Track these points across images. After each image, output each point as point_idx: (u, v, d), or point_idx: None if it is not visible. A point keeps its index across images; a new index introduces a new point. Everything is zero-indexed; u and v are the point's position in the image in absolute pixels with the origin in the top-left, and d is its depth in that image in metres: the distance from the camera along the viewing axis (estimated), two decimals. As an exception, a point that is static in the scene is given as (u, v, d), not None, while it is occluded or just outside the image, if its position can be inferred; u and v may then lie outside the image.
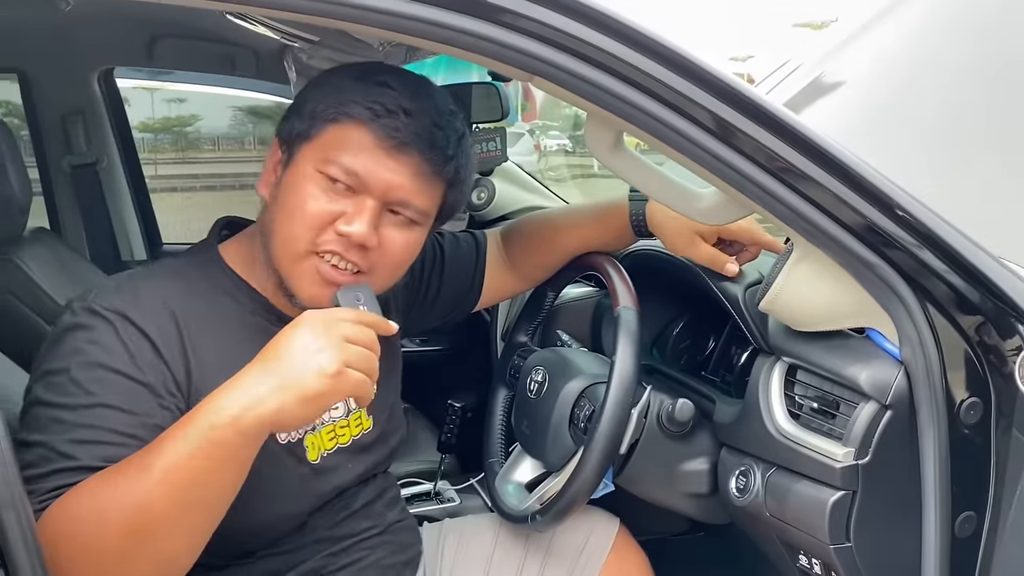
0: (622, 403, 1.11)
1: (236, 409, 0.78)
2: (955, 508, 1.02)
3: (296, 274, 0.98)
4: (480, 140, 1.58)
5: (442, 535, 1.31)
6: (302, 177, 0.97)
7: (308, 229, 0.96)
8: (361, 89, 0.97)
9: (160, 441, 0.80)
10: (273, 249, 0.99)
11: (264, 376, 0.80)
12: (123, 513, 0.77)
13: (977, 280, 0.98)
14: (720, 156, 0.93)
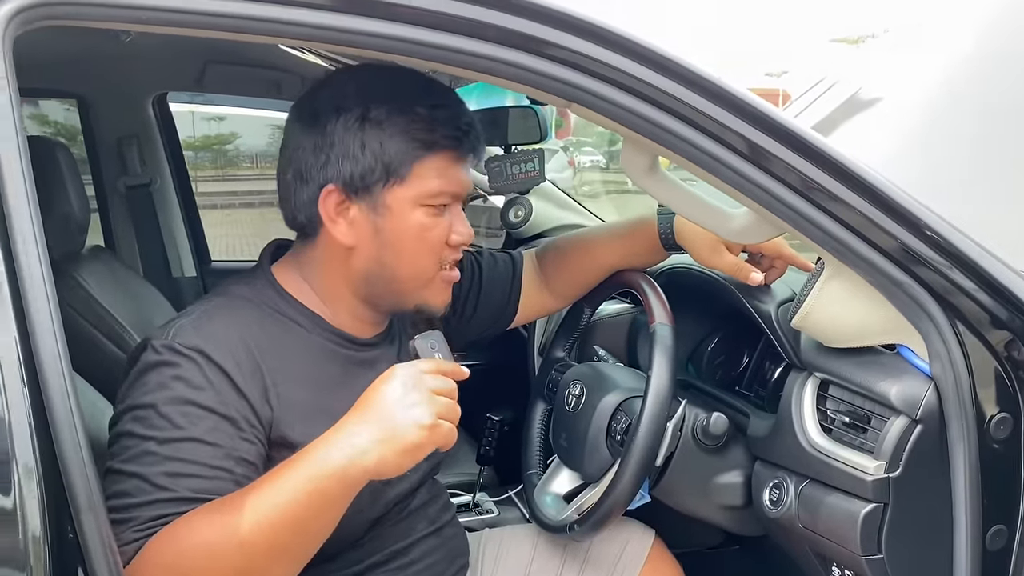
0: (658, 417, 1.14)
1: (342, 461, 0.83)
2: (986, 521, 1.04)
3: (429, 293, 1.08)
4: (518, 161, 1.63)
5: (481, 545, 1.35)
6: (408, 216, 1.03)
7: (436, 255, 1.06)
8: (431, 118, 1.02)
9: (263, 484, 0.85)
10: (396, 284, 1.06)
11: (364, 428, 0.85)
12: (228, 550, 0.82)
13: (1005, 298, 1.01)
14: (751, 178, 0.97)
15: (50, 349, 0.76)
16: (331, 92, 1.04)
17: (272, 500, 0.83)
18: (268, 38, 0.92)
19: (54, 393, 0.76)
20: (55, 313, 0.77)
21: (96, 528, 0.78)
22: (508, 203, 2.24)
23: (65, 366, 0.77)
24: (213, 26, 0.85)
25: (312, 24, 0.85)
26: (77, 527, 0.77)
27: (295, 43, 1.23)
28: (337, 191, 1.01)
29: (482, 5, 0.86)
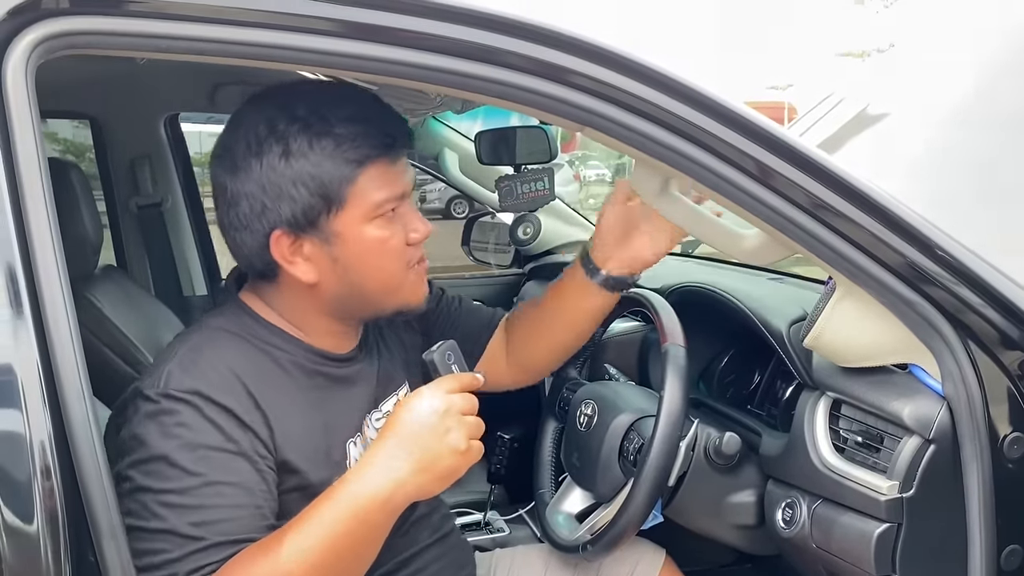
0: (670, 437, 1.15)
1: (384, 493, 0.87)
2: (1001, 541, 1.04)
3: (405, 295, 1.06)
4: (528, 180, 1.64)
5: (493, 564, 1.35)
6: (361, 235, 1.00)
7: (400, 260, 1.04)
8: (354, 134, 0.97)
9: (305, 521, 0.87)
10: (370, 298, 1.05)
11: (403, 458, 0.88)
12: None
13: (1017, 317, 1.01)
14: (763, 199, 0.98)
15: (71, 374, 0.78)
16: (243, 134, 0.98)
17: (319, 535, 0.85)
18: (283, 65, 0.94)
19: (75, 419, 0.77)
20: (76, 337, 0.79)
21: (116, 553, 0.79)
22: (517, 220, 2.26)
23: (86, 391, 0.78)
24: (228, 53, 0.86)
25: (329, 51, 0.86)
26: (98, 551, 0.79)
27: (311, 70, 1.24)
28: (285, 234, 0.98)
29: (498, 32, 0.88)
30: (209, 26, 0.83)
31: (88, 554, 0.78)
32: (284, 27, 0.84)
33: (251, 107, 1.01)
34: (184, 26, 0.83)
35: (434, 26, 0.86)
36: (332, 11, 0.84)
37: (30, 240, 0.77)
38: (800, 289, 1.53)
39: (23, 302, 0.76)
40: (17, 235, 0.76)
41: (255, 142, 0.96)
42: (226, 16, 0.83)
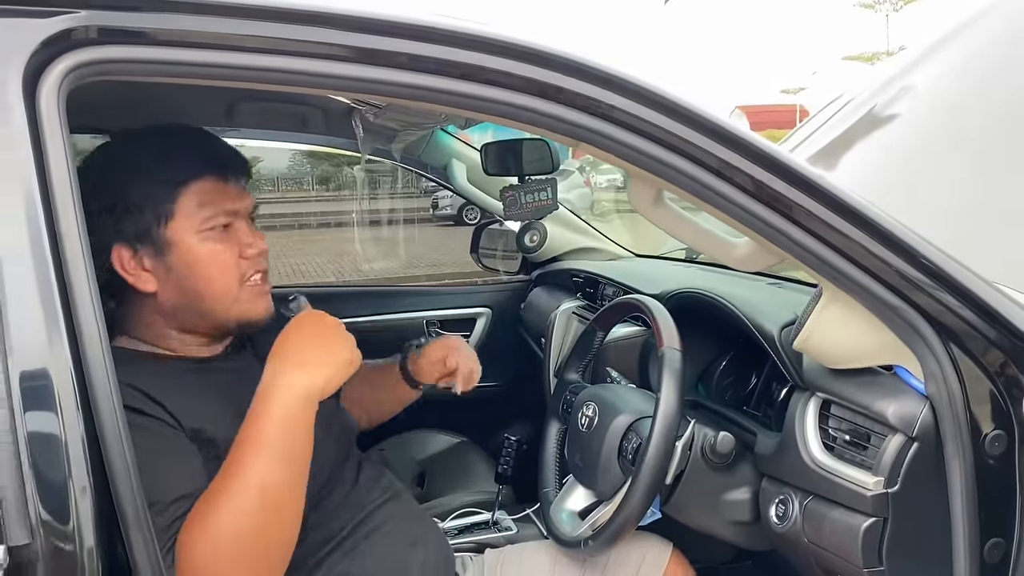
0: (666, 437, 1.20)
1: (302, 391, 1.02)
2: (983, 535, 1.08)
3: (243, 308, 1.16)
4: (532, 190, 1.69)
5: (501, 561, 1.41)
6: (192, 245, 1.11)
7: (232, 273, 1.14)
8: (181, 155, 1.14)
9: (245, 439, 0.98)
10: (204, 307, 1.14)
11: (311, 361, 1.05)
12: (251, 506, 0.95)
13: (996, 320, 1.05)
14: (752, 211, 1.03)
15: (101, 377, 0.84)
16: (89, 181, 1.03)
17: (261, 441, 0.97)
18: (296, 88, 1.00)
19: (105, 418, 0.83)
20: (105, 342, 0.84)
21: (143, 544, 0.84)
22: (523, 228, 2.30)
23: (114, 392, 0.84)
24: (249, 78, 0.93)
25: (343, 76, 0.92)
26: (127, 543, 0.84)
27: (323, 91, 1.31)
28: (122, 249, 1.10)
29: (504, 56, 0.93)
30: (226, 53, 0.89)
31: (118, 546, 0.84)
32: (297, 53, 0.90)
33: (102, 153, 1.19)
34: (204, 54, 0.89)
35: (435, 50, 0.92)
36: (341, 38, 0.91)
37: (62, 250, 0.83)
38: (796, 293, 1.58)
39: (57, 308, 0.82)
40: (50, 245, 0.82)
41: (95, 180, 1.04)
42: (242, 44, 0.89)
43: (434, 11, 0.96)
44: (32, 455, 0.79)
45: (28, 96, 0.84)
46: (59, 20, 0.85)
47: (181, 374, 1.13)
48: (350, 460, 1.29)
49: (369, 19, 0.91)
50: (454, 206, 14.10)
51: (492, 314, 2.55)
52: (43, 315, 0.81)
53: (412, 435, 2.30)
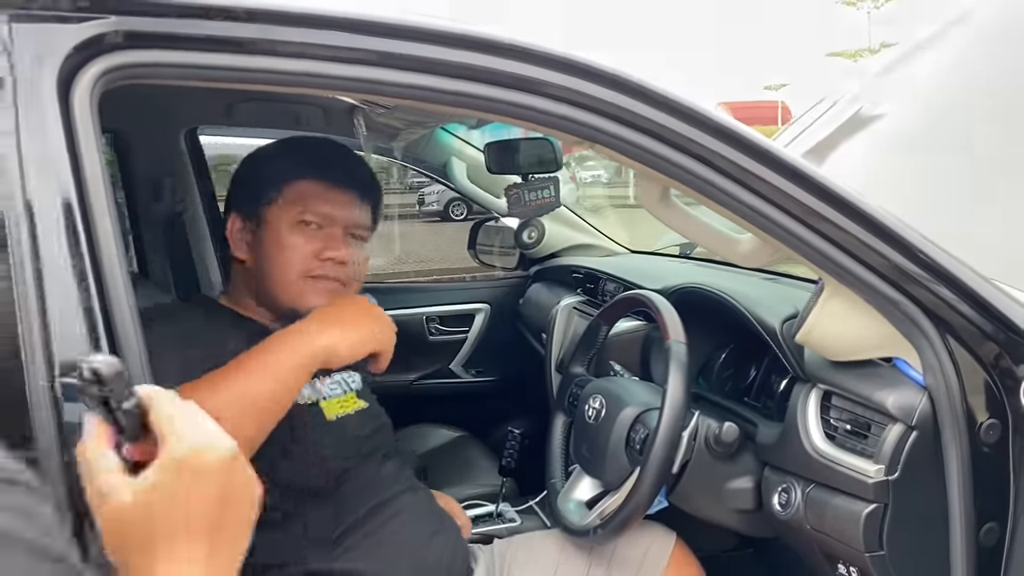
0: (674, 427, 1.24)
1: (308, 338, 1.15)
2: (979, 519, 1.13)
3: (294, 297, 1.28)
4: (535, 188, 1.72)
5: (510, 549, 1.44)
6: (282, 231, 1.28)
7: (302, 267, 1.27)
8: (299, 154, 1.33)
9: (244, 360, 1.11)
10: (270, 285, 1.29)
11: (328, 321, 1.19)
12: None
13: (991, 314, 1.10)
14: (756, 208, 1.07)
15: (134, 356, 0.86)
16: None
17: (266, 361, 1.11)
18: (327, 92, 1.03)
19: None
20: (137, 326, 0.87)
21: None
22: (522, 225, 2.34)
23: (145, 368, 0.87)
24: (275, 82, 0.96)
25: (361, 79, 0.95)
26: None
27: (343, 94, 1.36)
28: (237, 218, 1.31)
29: (518, 60, 0.96)
30: (251, 57, 0.92)
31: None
32: (322, 57, 0.93)
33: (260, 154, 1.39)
34: (229, 58, 0.92)
35: (445, 52, 0.95)
36: (362, 42, 0.94)
37: (95, 240, 0.86)
38: (792, 288, 1.62)
39: (92, 298, 0.84)
40: (86, 237, 0.85)
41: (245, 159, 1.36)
42: (270, 49, 0.92)
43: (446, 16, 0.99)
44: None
45: (62, 98, 0.87)
46: (91, 25, 0.87)
47: (252, 336, 1.21)
48: (379, 450, 1.35)
49: (389, 24, 0.94)
50: (440, 202, 14.10)
51: (491, 310, 2.58)
52: (80, 308, 0.84)
53: (413, 429, 2.33)
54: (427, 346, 2.53)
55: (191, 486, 0.57)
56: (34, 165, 0.84)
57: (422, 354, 2.52)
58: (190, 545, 0.57)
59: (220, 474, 0.59)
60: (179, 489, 0.57)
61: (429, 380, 2.53)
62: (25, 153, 0.83)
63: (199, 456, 0.58)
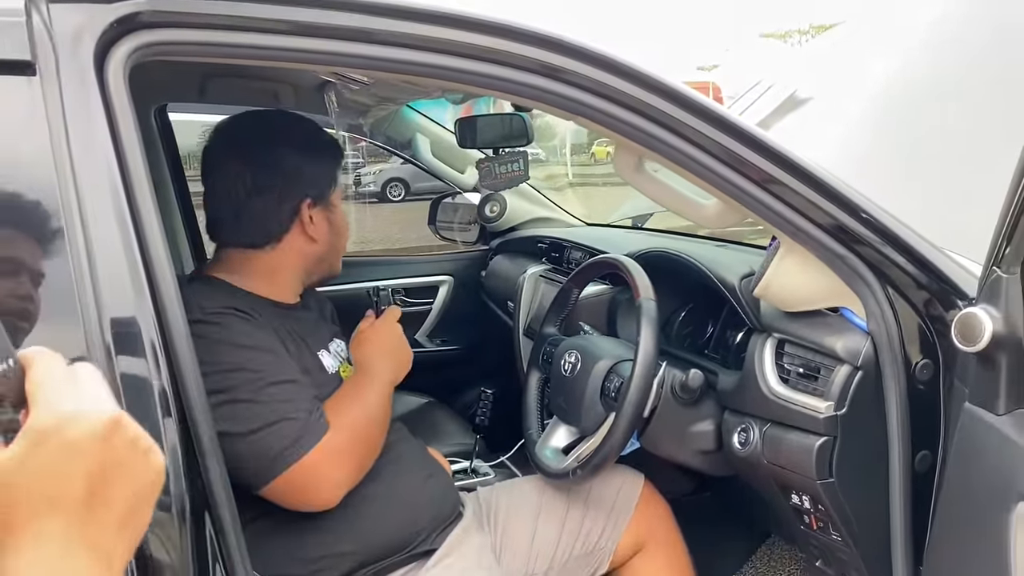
0: (646, 376, 1.36)
1: (389, 375, 1.38)
2: (915, 448, 1.27)
3: (339, 262, 1.47)
4: (505, 162, 1.83)
5: (493, 494, 1.56)
6: (339, 209, 1.43)
7: None
8: (329, 138, 1.44)
9: (348, 395, 1.31)
10: (333, 258, 1.45)
11: (392, 356, 1.42)
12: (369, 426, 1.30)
13: (925, 266, 1.24)
14: (723, 175, 1.19)
15: (178, 323, 0.94)
16: (269, 133, 1.40)
17: (365, 397, 1.32)
18: (325, 68, 1.11)
19: (184, 363, 0.94)
20: (176, 290, 0.95)
21: (217, 466, 0.96)
22: (484, 199, 2.45)
23: (187, 336, 0.95)
24: (287, 59, 1.05)
25: (364, 55, 1.04)
26: (203, 469, 0.96)
27: (318, 68, 1.45)
28: (309, 203, 1.36)
29: (502, 37, 1.06)
30: (272, 36, 1.01)
31: (196, 472, 0.96)
32: (341, 37, 1.02)
33: (256, 117, 1.46)
34: (252, 37, 1.00)
35: (435, 30, 1.04)
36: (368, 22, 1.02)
37: (134, 201, 0.93)
38: (742, 253, 1.76)
39: (137, 260, 0.92)
40: (127, 199, 0.93)
41: (283, 138, 1.37)
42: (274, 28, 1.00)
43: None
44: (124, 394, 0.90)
45: (98, 70, 0.94)
46: (126, 4, 0.95)
47: (274, 317, 1.33)
48: None
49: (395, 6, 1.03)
50: (377, 183, 14.01)
51: (454, 282, 2.68)
52: (127, 267, 0.92)
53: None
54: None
55: (56, 460, 0.51)
56: (77, 133, 0.91)
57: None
58: (57, 523, 0.51)
59: (93, 448, 0.52)
60: (41, 462, 0.51)
61: (395, 349, 2.61)
62: (70, 121, 0.90)
63: (65, 427, 0.51)
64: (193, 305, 1.21)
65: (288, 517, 1.26)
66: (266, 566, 1.22)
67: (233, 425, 1.17)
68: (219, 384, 1.17)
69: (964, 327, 1.05)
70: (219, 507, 0.96)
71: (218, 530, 0.96)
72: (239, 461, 1.17)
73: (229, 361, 1.19)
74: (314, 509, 1.24)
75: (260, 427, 1.17)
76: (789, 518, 1.45)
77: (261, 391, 1.19)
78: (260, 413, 1.18)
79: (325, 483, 1.22)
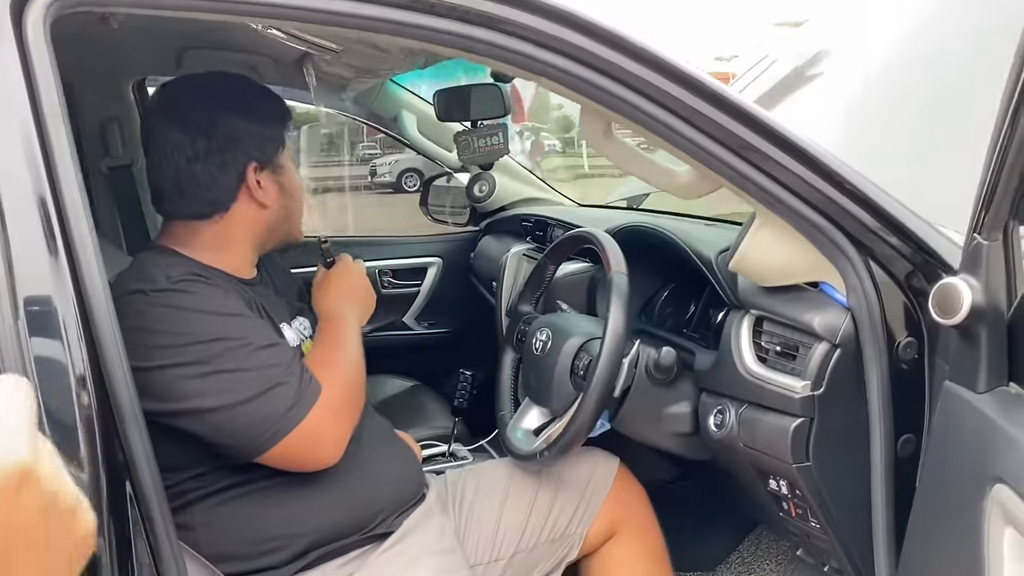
0: (614, 353, 1.30)
1: (356, 319, 1.38)
2: (897, 431, 1.21)
3: (298, 226, 1.41)
4: (484, 135, 1.77)
5: (461, 477, 1.50)
6: (291, 170, 1.37)
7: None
8: (273, 95, 1.38)
9: (326, 343, 1.30)
10: (289, 223, 1.38)
11: (356, 299, 1.42)
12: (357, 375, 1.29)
13: (908, 237, 1.17)
14: (694, 140, 1.12)
15: (98, 294, 0.89)
16: (206, 96, 1.32)
17: (344, 342, 1.31)
18: (273, 21, 1.06)
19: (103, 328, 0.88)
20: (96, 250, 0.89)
21: (139, 436, 0.91)
22: (473, 179, 2.38)
23: (103, 284, 0.89)
24: (214, 10, 0.98)
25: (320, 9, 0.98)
26: (123, 438, 0.91)
27: (295, 25, 1.38)
28: (255, 167, 1.29)
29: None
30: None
31: (116, 446, 0.90)
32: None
33: (189, 82, 1.39)
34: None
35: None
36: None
37: (55, 170, 0.88)
38: (729, 231, 1.69)
39: (56, 236, 0.86)
40: (45, 167, 0.87)
41: (218, 101, 1.30)
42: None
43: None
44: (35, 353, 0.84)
45: (16, 24, 0.89)
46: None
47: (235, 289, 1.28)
48: None
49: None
50: (392, 173, 14.02)
51: (443, 264, 2.63)
52: (42, 235, 0.86)
53: (368, 379, 2.37)
54: (379, 299, 2.56)
55: None
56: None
57: (374, 306, 2.55)
58: None
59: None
60: None
61: (382, 332, 2.56)
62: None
63: None
64: (158, 275, 1.18)
65: (240, 495, 1.22)
66: (212, 546, 1.18)
67: (222, 397, 1.12)
68: (198, 355, 1.12)
69: (942, 298, 0.98)
70: (140, 475, 0.91)
71: (139, 498, 0.91)
72: (230, 433, 1.13)
73: (206, 331, 1.14)
74: (318, 469, 1.22)
75: (253, 396, 1.13)
76: (768, 505, 1.39)
77: (247, 358, 1.14)
78: (251, 382, 1.13)
79: (327, 442, 1.20)
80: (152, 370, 1.11)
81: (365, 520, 1.27)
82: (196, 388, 1.12)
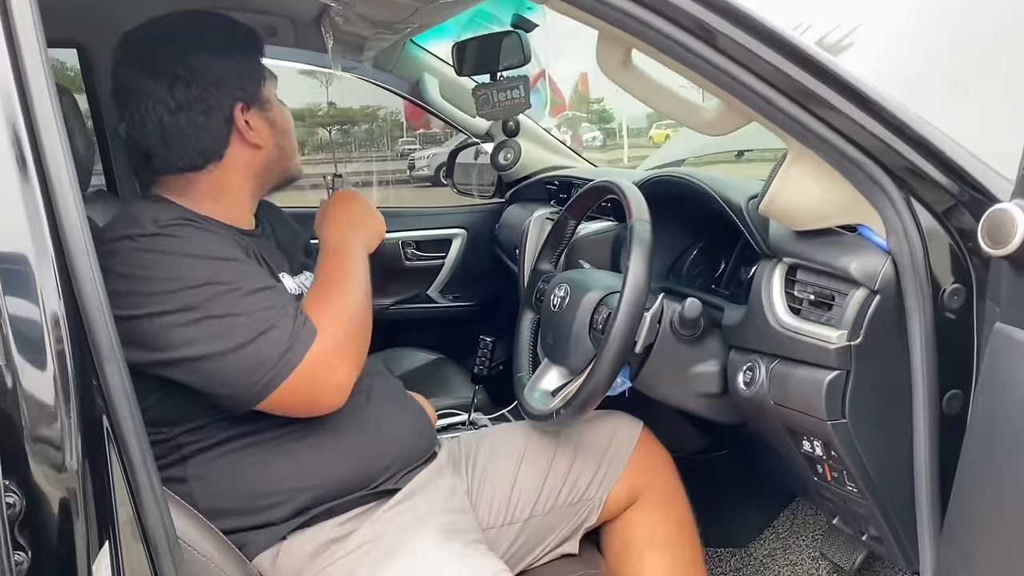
0: (635, 304, 1.21)
1: (362, 244, 1.30)
2: (942, 387, 1.10)
3: (296, 161, 1.35)
4: (504, 88, 1.69)
5: (476, 439, 1.44)
6: (276, 105, 1.30)
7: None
8: (244, 26, 1.30)
9: (328, 273, 1.23)
10: (285, 160, 1.32)
11: (359, 224, 1.33)
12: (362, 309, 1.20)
13: (954, 172, 1.07)
14: (723, 68, 1.04)
15: (74, 225, 0.83)
16: (175, 40, 1.23)
17: (350, 271, 1.23)
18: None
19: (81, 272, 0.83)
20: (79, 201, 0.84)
21: (118, 372, 0.85)
22: (498, 146, 2.31)
23: (84, 224, 0.84)
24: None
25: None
26: (100, 376, 0.85)
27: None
28: (242, 107, 1.23)
29: None
30: None
31: (92, 378, 0.85)
32: None
33: (158, 25, 1.29)
34: None
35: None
36: None
37: (39, 140, 0.82)
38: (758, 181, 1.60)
39: (38, 201, 0.81)
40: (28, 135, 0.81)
41: (192, 44, 1.21)
42: None
43: None
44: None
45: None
46: None
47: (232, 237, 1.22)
48: None
49: None
50: (431, 167, 14.08)
51: (467, 235, 2.56)
52: (22, 197, 0.80)
53: (389, 352, 2.32)
54: (403, 271, 2.51)
55: None
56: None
57: (398, 279, 2.50)
58: None
59: None
60: None
61: (407, 305, 2.51)
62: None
63: None
64: (145, 219, 1.13)
65: (241, 448, 1.16)
66: (207, 500, 1.12)
67: (212, 344, 1.07)
68: (188, 301, 1.07)
69: (993, 226, 0.88)
70: (119, 413, 0.86)
71: (118, 437, 0.86)
72: (224, 381, 1.08)
73: (195, 276, 1.09)
74: (322, 413, 1.16)
75: (245, 342, 1.07)
76: (802, 471, 1.30)
77: (238, 303, 1.09)
78: (242, 327, 1.07)
79: (327, 385, 1.13)
80: (141, 318, 1.06)
81: (371, 476, 1.21)
82: (186, 336, 1.06)
